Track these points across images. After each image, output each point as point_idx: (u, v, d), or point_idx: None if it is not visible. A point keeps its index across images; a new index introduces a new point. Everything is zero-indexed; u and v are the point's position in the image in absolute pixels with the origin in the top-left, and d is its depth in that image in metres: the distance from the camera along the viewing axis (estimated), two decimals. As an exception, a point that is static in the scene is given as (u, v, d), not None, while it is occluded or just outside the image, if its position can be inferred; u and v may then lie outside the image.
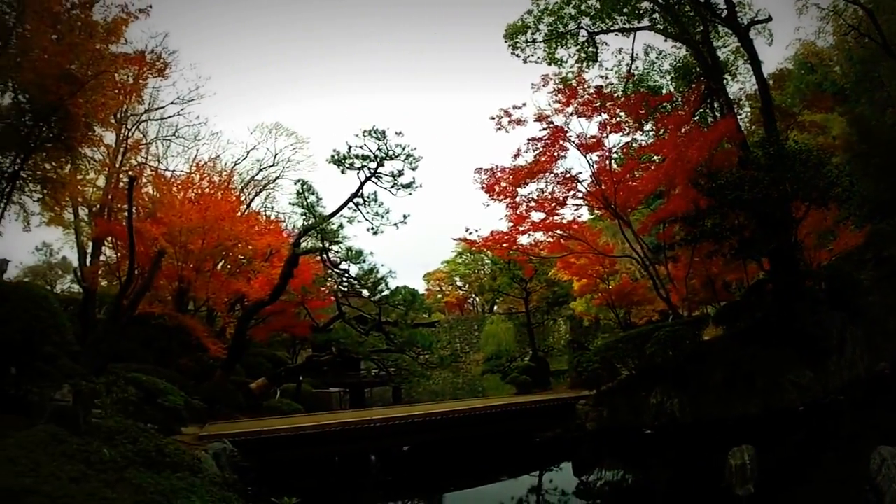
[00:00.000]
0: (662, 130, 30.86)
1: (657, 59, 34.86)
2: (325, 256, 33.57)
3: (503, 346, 47.17)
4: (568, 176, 30.22)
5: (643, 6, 31.92)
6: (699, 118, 31.79)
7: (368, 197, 31.70)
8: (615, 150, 30.73)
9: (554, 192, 30.59)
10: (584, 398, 26.37)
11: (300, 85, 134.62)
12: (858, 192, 27.20)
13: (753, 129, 36.87)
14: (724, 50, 33.40)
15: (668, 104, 32.16)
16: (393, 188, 31.31)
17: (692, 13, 30.50)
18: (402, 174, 30.94)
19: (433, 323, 59.84)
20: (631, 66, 34.19)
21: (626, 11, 31.84)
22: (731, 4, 29.17)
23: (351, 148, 30.50)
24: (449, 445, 24.18)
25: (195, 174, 35.51)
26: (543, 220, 31.29)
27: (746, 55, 30.22)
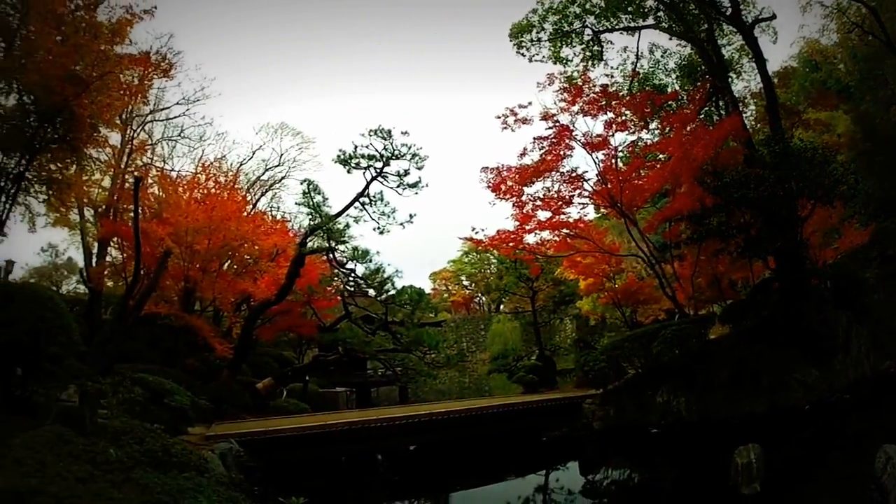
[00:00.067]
0: (668, 129, 30.80)
1: (662, 57, 34.88)
2: (331, 256, 33.57)
3: (509, 345, 47.11)
4: (574, 175, 30.21)
5: (648, 4, 31.90)
6: (704, 116, 31.72)
7: (374, 196, 31.74)
8: (621, 148, 30.81)
9: (560, 190, 30.59)
10: (590, 397, 26.34)
11: (300, 85, 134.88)
12: (863, 190, 27.14)
13: (758, 127, 36.85)
14: (728, 48, 33.37)
15: (673, 102, 32.11)
16: (399, 188, 31.33)
17: (697, 11, 30.44)
18: (408, 173, 30.97)
19: (439, 322, 59.73)
20: (636, 64, 34.21)
21: (630, 10, 31.79)
22: (735, 3, 29.10)
23: (357, 147, 30.53)
24: (455, 445, 24.14)
25: (201, 174, 35.49)
26: (549, 218, 31.26)
27: (751, 53, 30.18)
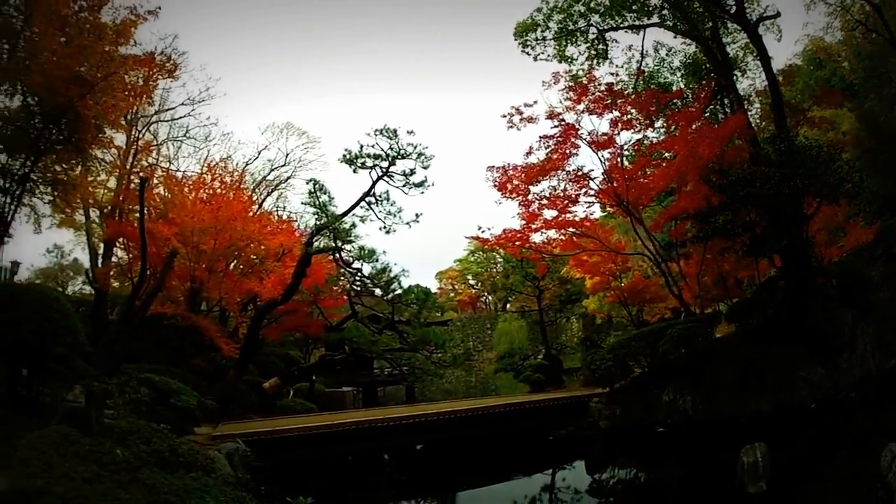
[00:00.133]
0: (673, 127, 30.67)
1: (667, 55, 34.74)
2: (337, 255, 33.63)
3: (516, 344, 47.10)
4: (580, 173, 30.10)
5: (652, 3, 31.73)
6: (710, 115, 31.60)
7: (380, 196, 31.78)
8: (626, 147, 30.67)
9: (566, 189, 30.49)
10: (597, 396, 26.35)
11: (300, 85, 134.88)
12: (868, 188, 27.06)
13: (763, 125, 36.66)
14: (733, 46, 33.22)
15: (678, 101, 31.97)
16: (405, 187, 31.36)
17: (701, 9, 30.32)
18: (413, 173, 31.01)
19: (446, 321, 59.86)
20: (641, 62, 34.07)
21: (635, 8, 31.67)
22: (739, 0, 29.02)
23: (363, 147, 30.58)
24: (462, 444, 24.14)
25: (206, 175, 35.54)
26: (556, 217, 31.21)
27: (756, 51, 30.04)
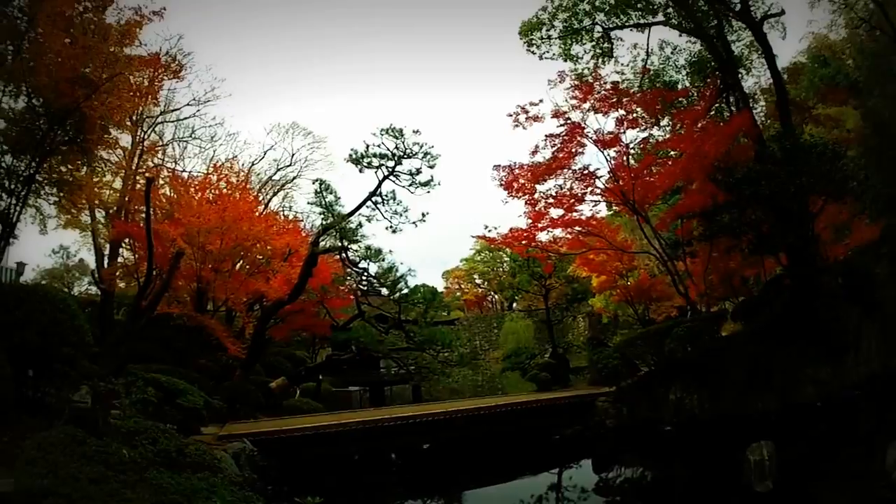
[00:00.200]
0: (679, 126, 30.60)
1: (672, 54, 34.57)
2: (344, 255, 33.72)
3: (523, 343, 47.16)
4: (586, 172, 30.06)
5: (657, 1, 31.59)
6: (715, 113, 31.44)
7: (387, 195, 31.83)
8: (632, 145, 30.63)
9: (572, 188, 30.46)
10: (603, 395, 26.32)
11: (301, 85, 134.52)
12: (873, 185, 26.95)
13: (769, 123, 36.57)
14: (738, 44, 33.01)
15: (683, 99, 31.81)
16: (411, 186, 31.41)
17: (706, 7, 30.19)
18: (419, 172, 31.06)
19: (452, 321, 59.75)
20: (646, 61, 33.90)
21: (640, 7, 31.56)
22: (744, -2, 28.98)
23: (369, 147, 30.63)
24: (469, 443, 24.15)
25: (212, 175, 35.49)
26: (562, 216, 31.21)
27: (760, 49, 29.88)
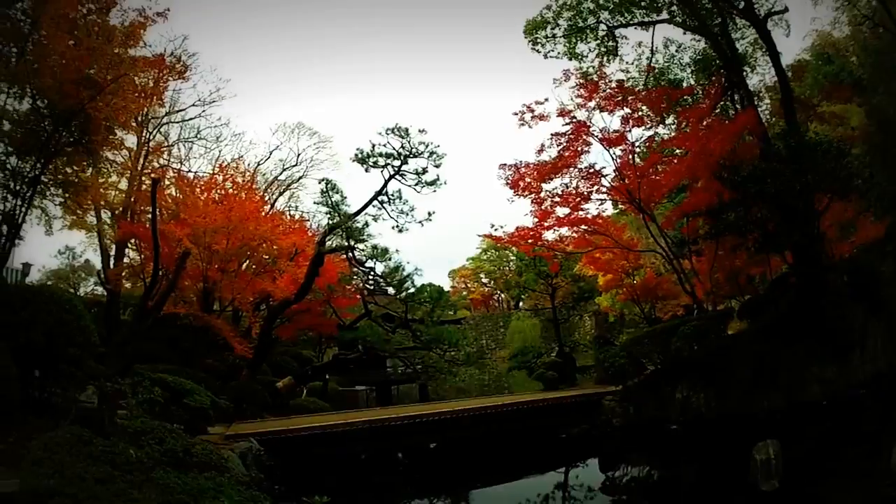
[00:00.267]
0: (684, 124, 30.52)
1: (677, 52, 34.48)
2: (350, 255, 33.71)
3: (529, 342, 47.09)
4: (592, 171, 30.02)
5: (661, -1, 31.70)
6: (720, 111, 31.39)
7: (393, 195, 31.81)
8: (638, 144, 30.56)
9: (578, 187, 30.43)
10: (610, 394, 26.29)
11: (300, 85, 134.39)
12: (878, 183, 26.88)
13: (774, 120, 36.46)
14: (742, 42, 32.94)
15: (689, 97, 31.77)
16: (417, 186, 31.40)
17: (710, 5, 30.13)
18: (425, 171, 31.04)
19: (459, 320, 59.70)
20: (651, 59, 33.84)
21: (644, 5, 31.49)
22: (747, -5, 28.91)
23: (375, 146, 30.64)
24: (476, 442, 24.15)
25: (218, 175, 35.52)
26: (568, 215, 31.21)
27: (765, 47, 29.81)
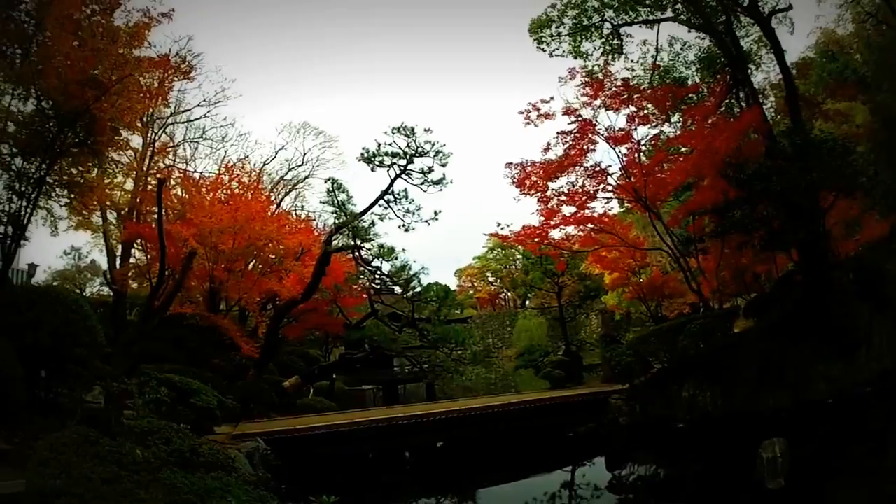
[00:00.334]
0: (690, 122, 30.47)
1: (682, 50, 34.40)
2: (357, 254, 33.76)
3: (536, 341, 47.11)
4: (598, 169, 30.12)
5: (665, -4, 31.64)
6: (725, 109, 31.30)
7: (399, 194, 31.81)
8: (644, 142, 30.65)
9: (584, 185, 30.51)
10: (617, 392, 26.33)
11: (300, 85, 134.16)
12: (883, 181, 26.85)
13: (779, 118, 36.41)
14: (746, 40, 32.84)
15: (694, 95, 31.80)
16: (423, 185, 31.41)
17: (714, 3, 30.09)
18: (431, 171, 31.03)
19: (465, 319, 59.62)
20: (656, 57, 33.73)
21: (648, 3, 31.40)
22: (751, -7, 28.84)
23: (380, 145, 30.64)
24: (483, 441, 24.22)
25: (224, 175, 35.56)
26: (574, 213, 31.30)
27: (769, 44, 29.70)
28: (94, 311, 18.09)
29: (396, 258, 33.76)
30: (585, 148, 29.54)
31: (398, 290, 36.45)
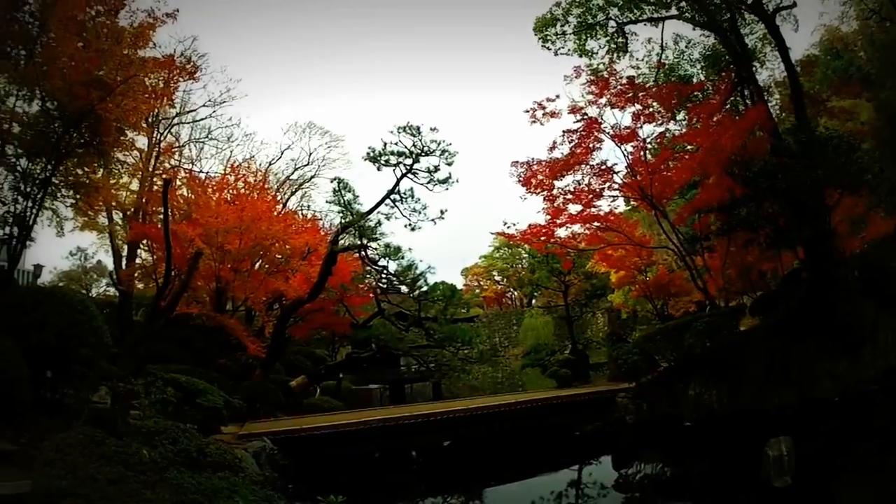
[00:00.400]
0: (695, 120, 30.46)
1: (686, 48, 34.31)
2: (363, 253, 33.79)
3: (542, 339, 47.15)
4: (604, 167, 30.19)
5: (670, -6, 31.59)
6: (730, 106, 31.24)
7: (405, 193, 31.85)
8: (649, 140, 30.63)
9: (590, 183, 30.57)
10: (623, 391, 26.26)
11: (300, 85, 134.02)
12: (888, 178, 26.80)
13: (784, 116, 36.31)
14: (751, 37, 32.74)
15: (699, 93, 31.75)
16: (429, 184, 31.44)
17: (718, 0, 30.13)
18: (437, 170, 31.07)
19: (472, 318, 59.53)
20: (661, 55, 33.68)
21: (653, 1, 31.45)
22: (756, -10, 28.78)
23: (386, 144, 30.69)
24: (489, 440, 24.19)
25: (230, 175, 35.59)
26: (580, 212, 31.39)
27: (774, 42, 29.66)
28: (99, 311, 18.07)
29: (403, 257, 33.80)
30: (591, 146, 29.62)
31: (405, 289, 36.45)
